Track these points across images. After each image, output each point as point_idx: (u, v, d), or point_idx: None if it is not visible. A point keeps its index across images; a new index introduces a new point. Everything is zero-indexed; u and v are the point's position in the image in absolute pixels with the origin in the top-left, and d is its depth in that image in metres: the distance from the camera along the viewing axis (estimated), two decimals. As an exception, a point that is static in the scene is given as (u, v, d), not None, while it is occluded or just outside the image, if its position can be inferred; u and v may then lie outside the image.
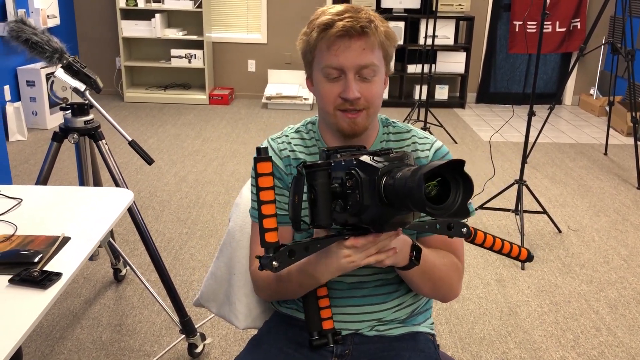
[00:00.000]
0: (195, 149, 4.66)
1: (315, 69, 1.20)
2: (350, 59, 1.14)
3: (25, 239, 1.41)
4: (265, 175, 0.97)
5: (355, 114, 1.18)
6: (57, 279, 1.23)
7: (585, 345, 2.33)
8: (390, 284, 1.28)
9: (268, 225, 0.97)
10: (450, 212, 0.89)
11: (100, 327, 2.37)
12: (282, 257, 0.96)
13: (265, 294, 1.32)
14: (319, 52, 1.17)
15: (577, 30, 6.16)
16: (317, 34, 1.15)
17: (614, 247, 3.17)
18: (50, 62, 1.92)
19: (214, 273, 1.47)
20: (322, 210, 1.00)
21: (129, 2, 5.84)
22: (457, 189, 0.90)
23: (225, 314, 1.46)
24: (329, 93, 1.17)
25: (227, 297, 1.45)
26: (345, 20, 1.12)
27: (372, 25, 1.13)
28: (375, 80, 1.17)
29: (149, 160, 1.95)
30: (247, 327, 1.45)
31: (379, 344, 1.27)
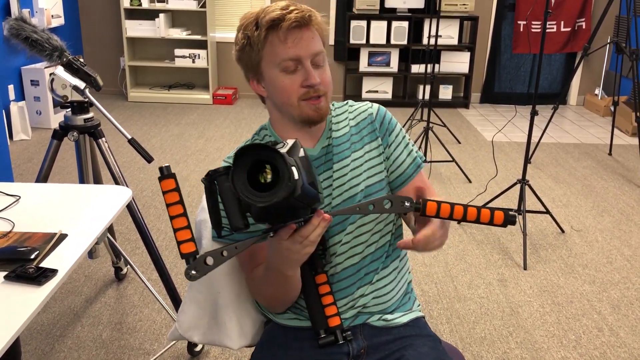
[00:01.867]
0: (198, 148, 4.66)
1: (267, 67, 1.22)
2: (304, 49, 1.20)
3: (23, 235, 1.41)
4: (170, 191, 0.98)
5: (317, 99, 1.23)
6: (53, 276, 1.22)
7: (587, 346, 2.32)
8: (386, 266, 1.32)
9: (182, 237, 0.98)
10: (277, 198, 0.87)
11: (101, 325, 2.37)
12: (199, 265, 0.97)
13: (266, 301, 1.30)
14: (270, 49, 1.20)
15: (582, 30, 6.13)
16: (266, 31, 1.19)
17: (618, 247, 3.15)
18: (50, 60, 1.93)
19: (194, 298, 1.38)
20: (232, 214, 0.99)
21: (133, 1, 5.85)
22: (283, 170, 0.88)
23: (215, 338, 1.39)
24: (290, 85, 1.21)
25: (215, 319, 1.38)
26: (294, 13, 1.18)
27: (314, 14, 1.22)
28: (326, 66, 1.25)
29: (148, 158, 1.95)
30: (241, 346, 1.40)
31: (390, 336, 1.29)
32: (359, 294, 1.28)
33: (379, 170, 1.32)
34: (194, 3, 5.87)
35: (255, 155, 0.89)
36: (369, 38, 5.93)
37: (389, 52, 6.01)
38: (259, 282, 1.24)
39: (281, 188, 0.87)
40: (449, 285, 2.74)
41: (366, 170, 1.30)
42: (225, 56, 6.32)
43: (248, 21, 1.23)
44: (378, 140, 1.33)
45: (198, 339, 1.39)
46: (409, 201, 1.04)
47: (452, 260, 2.96)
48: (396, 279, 1.34)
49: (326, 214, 1.01)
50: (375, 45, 5.97)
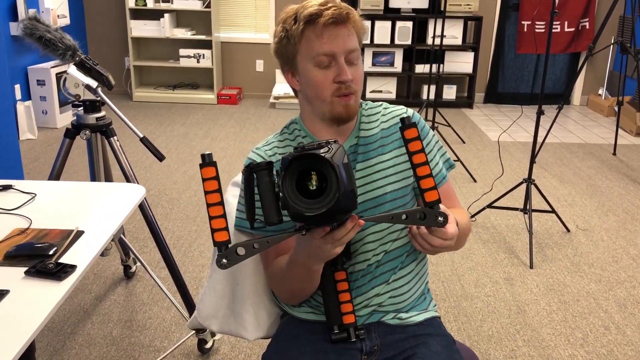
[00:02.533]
0: (204, 147, 4.68)
1: (302, 61, 1.25)
2: (340, 45, 1.22)
3: (40, 232, 1.43)
4: (210, 179, 1.00)
5: (348, 97, 1.24)
6: (72, 271, 1.24)
7: (594, 344, 2.33)
8: (404, 266, 1.33)
9: (217, 225, 1.00)
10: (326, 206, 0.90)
11: (111, 322, 2.39)
12: (231, 255, 1.00)
13: (284, 292, 1.31)
14: (306, 43, 1.23)
15: (585, 30, 6.14)
16: (303, 25, 1.22)
17: (623, 246, 3.16)
18: (63, 59, 1.94)
19: (213, 288, 1.42)
20: (268, 209, 1.02)
21: (138, 2, 5.88)
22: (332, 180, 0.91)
23: (231, 328, 1.42)
24: (323, 80, 1.23)
25: (232, 310, 1.41)
26: (332, 9, 1.20)
27: (352, 13, 1.24)
28: (359, 65, 1.27)
29: (160, 156, 1.97)
30: (257, 337, 1.42)
31: (404, 334, 1.30)
32: (374, 292, 1.30)
33: (407, 176, 1.31)
34: (199, 3, 5.89)
35: (306, 164, 0.92)
36: (373, 38, 5.95)
37: (393, 52, 6.03)
38: (279, 273, 1.25)
39: (329, 198, 0.90)
40: (455, 283, 2.75)
41: (393, 174, 1.30)
42: (229, 56, 6.34)
43: (287, 15, 1.26)
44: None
45: (216, 328, 1.42)
46: (443, 216, 1.04)
47: (458, 259, 2.97)
48: (413, 280, 1.34)
49: (360, 219, 1.03)
50: (380, 45, 5.98)
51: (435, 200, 1.03)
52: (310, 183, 0.93)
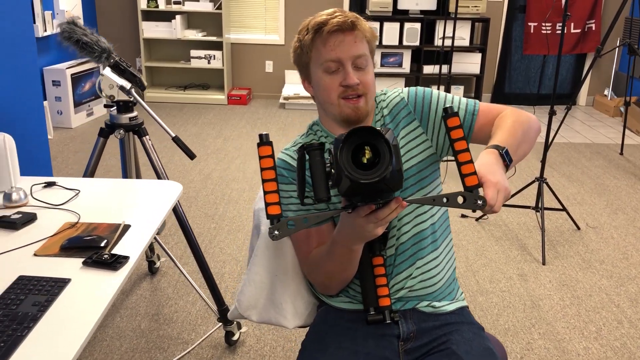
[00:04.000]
0: (217, 147, 4.76)
1: (313, 68, 1.35)
2: (345, 51, 1.30)
3: (89, 226, 1.50)
4: (267, 157, 1.10)
5: (356, 99, 1.33)
6: (125, 262, 1.32)
7: (608, 337, 2.41)
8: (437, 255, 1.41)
9: (270, 200, 1.10)
10: (378, 176, 0.97)
11: (139, 316, 2.47)
12: (282, 227, 1.08)
13: (324, 279, 1.38)
14: (315, 51, 1.33)
15: (591, 31, 6.22)
16: (312, 34, 1.32)
17: (633, 243, 3.24)
18: (99, 61, 2.02)
19: (252, 280, 1.48)
20: (318, 186, 1.11)
21: (149, 3, 5.96)
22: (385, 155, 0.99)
23: (271, 317, 1.48)
24: (330, 84, 1.33)
25: (271, 301, 1.48)
26: (337, 17, 1.30)
27: (358, 21, 1.32)
28: (368, 69, 1.34)
29: (191, 154, 2.05)
30: (295, 326, 1.49)
31: (437, 322, 1.38)
32: (405, 275, 1.37)
33: (424, 148, 1.39)
34: (210, 5, 5.97)
35: (363, 137, 0.99)
36: (382, 39, 6.03)
37: (402, 53, 6.11)
38: (320, 259, 1.32)
39: (382, 169, 0.97)
40: (470, 279, 2.83)
41: (413, 148, 1.38)
42: (239, 57, 6.42)
43: (302, 27, 1.36)
44: (415, 122, 1.39)
45: (255, 318, 1.49)
46: (482, 200, 1.09)
47: (472, 256, 3.05)
48: (440, 266, 1.42)
49: (403, 201, 1.10)
50: (388, 46, 6.06)
51: (475, 185, 1.09)
52: (364, 157, 1.00)
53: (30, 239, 1.43)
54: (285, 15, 6.27)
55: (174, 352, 2.25)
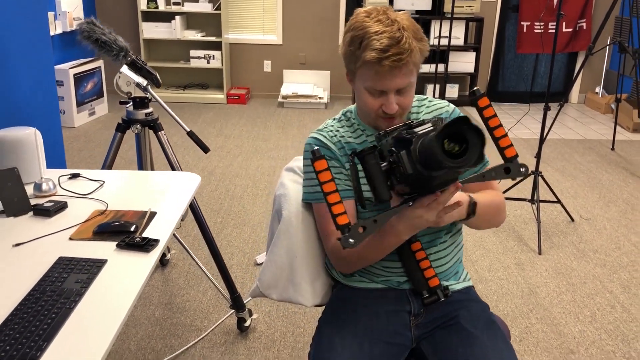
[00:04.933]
0: (218, 145, 4.85)
1: (358, 80, 1.38)
2: (392, 85, 1.33)
3: (117, 213, 1.60)
4: (323, 171, 1.16)
5: (392, 118, 1.39)
6: (156, 245, 1.42)
7: (602, 321, 2.52)
8: (444, 240, 1.51)
9: (337, 211, 1.16)
10: (471, 162, 1.05)
11: (152, 305, 2.56)
12: (355, 234, 1.14)
13: (347, 266, 1.47)
14: (363, 71, 1.34)
15: (582, 30, 6.35)
16: (363, 64, 1.32)
17: (625, 234, 3.36)
18: (117, 59, 2.11)
19: (274, 261, 1.57)
20: (379, 188, 1.19)
21: (149, 4, 6.04)
22: (474, 141, 1.06)
23: (290, 296, 1.58)
24: (371, 104, 1.38)
25: (291, 281, 1.57)
26: (391, 60, 1.28)
27: (412, 55, 1.30)
28: (410, 92, 1.37)
29: (205, 148, 2.14)
30: (313, 304, 1.59)
31: (446, 299, 1.47)
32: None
33: None
34: (209, 5, 6.06)
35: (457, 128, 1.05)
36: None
37: (398, 53, 6.21)
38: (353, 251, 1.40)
39: (472, 158, 1.04)
40: (469, 268, 2.94)
41: None
42: (238, 57, 6.51)
43: (356, 33, 1.33)
44: None
45: (276, 297, 1.58)
46: (524, 167, 1.17)
47: (470, 247, 3.16)
48: (449, 248, 1.52)
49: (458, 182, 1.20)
50: (384, 45, 6.16)
51: (514, 156, 1.17)
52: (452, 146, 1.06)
53: (63, 224, 1.52)
54: (283, 16, 6.37)
55: (188, 339, 2.34)
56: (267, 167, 4.33)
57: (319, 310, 2.50)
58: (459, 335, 1.39)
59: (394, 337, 1.41)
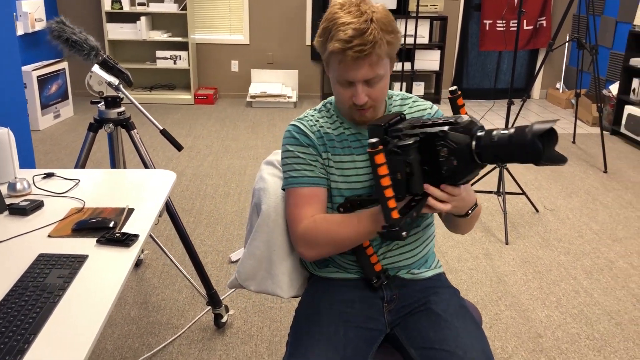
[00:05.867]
0: (188, 146, 4.84)
1: (330, 71, 1.43)
2: (358, 76, 1.35)
3: (95, 210, 1.61)
4: (382, 165, 1.21)
5: (365, 110, 1.44)
6: (136, 239, 1.43)
7: (567, 305, 2.63)
8: (417, 231, 1.56)
9: (392, 205, 1.21)
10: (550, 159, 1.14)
11: (127, 305, 2.56)
12: (404, 226, 1.20)
13: (315, 250, 1.47)
14: (331, 62, 1.39)
15: (543, 28, 6.54)
16: (329, 55, 1.36)
17: (587, 223, 3.49)
18: (88, 58, 2.11)
19: (252, 253, 1.59)
20: (417, 181, 1.24)
21: (114, 5, 5.98)
22: (551, 141, 1.14)
23: (268, 287, 1.61)
24: (343, 97, 1.43)
25: (269, 273, 1.60)
26: (353, 50, 1.31)
27: (375, 47, 1.31)
28: (380, 84, 1.39)
29: (178, 146, 2.16)
30: (290, 296, 1.63)
31: (417, 286, 1.54)
32: (391, 247, 1.53)
33: None
34: (175, 6, 6.03)
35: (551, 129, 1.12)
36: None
37: (364, 51, 6.28)
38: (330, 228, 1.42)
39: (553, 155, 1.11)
40: (440, 259, 3.01)
41: None
42: (205, 57, 6.49)
43: (327, 25, 1.37)
44: None
45: (254, 288, 1.62)
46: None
47: (440, 239, 3.24)
48: (421, 239, 1.57)
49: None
50: (351, 44, 6.22)
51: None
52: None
53: (41, 222, 1.53)
54: (250, 16, 6.38)
55: (165, 337, 2.35)
56: (237, 167, 4.34)
57: (294, 304, 2.54)
58: (430, 320, 1.44)
59: (368, 323, 1.46)
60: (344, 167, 1.49)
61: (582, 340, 2.38)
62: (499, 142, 1.14)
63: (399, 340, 1.47)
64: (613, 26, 5.85)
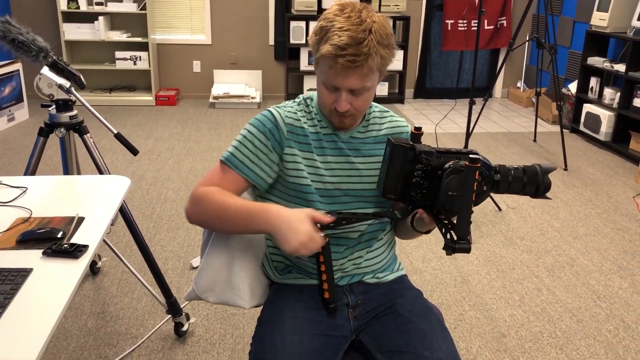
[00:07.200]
0: (148, 148, 4.73)
1: (318, 71, 1.40)
2: (346, 84, 1.34)
3: (43, 220, 1.53)
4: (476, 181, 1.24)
5: (344, 117, 1.42)
6: (85, 250, 1.37)
7: (529, 304, 2.64)
8: (378, 238, 1.54)
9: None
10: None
11: (84, 315, 2.47)
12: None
13: (198, 217, 1.42)
14: (322, 66, 1.36)
15: (503, 27, 6.62)
16: (321, 57, 1.34)
17: (548, 220, 3.53)
18: (36, 60, 2.02)
19: (210, 263, 1.53)
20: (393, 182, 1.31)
21: (70, 4, 5.81)
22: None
23: (228, 298, 1.55)
24: (326, 99, 1.40)
25: (229, 283, 1.54)
26: (346, 59, 1.28)
27: (368, 59, 1.29)
28: (365, 95, 1.37)
29: (134, 150, 2.08)
30: (252, 306, 1.57)
31: (381, 289, 1.51)
32: (357, 255, 1.51)
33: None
34: (134, 5, 5.89)
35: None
36: (307, 39, 6.16)
37: (328, 51, 6.26)
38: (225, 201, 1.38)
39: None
40: (404, 260, 3.00)
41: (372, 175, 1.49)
42: (166, 58, 6.37)
43: (324, 24, 1.34)
44: None
45: (213, 300, 1.55)
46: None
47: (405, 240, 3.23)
48: (384, 246, 1.55)
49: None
50: (314, 44, 6.19)
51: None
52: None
53: (-17, 235, 1.44)
54: (212, 15, 6.29)
55: (123, 347, 2.27)
56: (199, 169, 4.26)
57: (258, 310, 2.49)
58: (396, 322, 1.42)
59: (334, 330, 1.43)
60: (315, 165, 1.46)
61: (545, 339, 2.40)
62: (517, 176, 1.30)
63: (365, 346, 1.44)
64: (571, 26, 5.96)
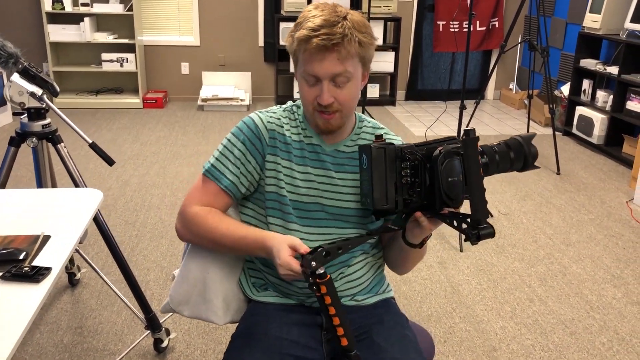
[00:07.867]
0: (134, 152, 4.64)
1: (297, 70, 1.35)
2: (323, 70, 1.27)
3: (5, 239, 1.44)
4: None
5: (329, 115, 1.33)
6: (48, 273, 1.28)
7: (521, 315, 2.57)
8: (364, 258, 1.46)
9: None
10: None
11: (60, 330, 2.38)
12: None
13: (191, 237, 1.42)
14: (300, 59, 1.32)
15: (495, 29, 6.56)
16: (297, 44, 1.29)
17: (540, 227, 3.47)
18: (6, 67, 1.93)
19: (185, 277, 1.48)
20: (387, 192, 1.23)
21: (55, 5, 5.70)
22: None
23: (202, 313, 1.49)
24: (307, 96, 1.33)
25: (202, 297, 1.48)
26: (320, 38, 1.24)
27: (344, 40, 1.25)
28: (348, 86, 1.31)
29: (109, 161, 2.00)
30: (226, 322, 1.50)
31: (360, 313, 1.43)
32: (333, 276, 1.42)
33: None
34: (120, 7, 5.79)
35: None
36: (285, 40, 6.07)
37: (318, 53, 6.18)
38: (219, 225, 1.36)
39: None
40: (394, 270, 2.92)
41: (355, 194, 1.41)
42: (154, 59, 6.27)
43: (298, 21, 1.32)
44: None
45: (187, 314, 1.49)
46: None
47: (394, 248, 3.16)
48: (364, 269, 1.46)
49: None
50: (304, 46, 6.11)
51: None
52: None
53: (-60, 256, 1.35)
54: (200, 16, 6.20)
55: (100, 365, 2.19)
56: (186, 174, 4.17)
57: (241, 324, 2.41)
58: (371, 350, 1.35)
59: (305, 352, 1.35)
60: (293, 175, 1.39)
61: (537, 352, 2.32)
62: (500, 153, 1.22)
63: None
64: (563, 27, 5.91)
